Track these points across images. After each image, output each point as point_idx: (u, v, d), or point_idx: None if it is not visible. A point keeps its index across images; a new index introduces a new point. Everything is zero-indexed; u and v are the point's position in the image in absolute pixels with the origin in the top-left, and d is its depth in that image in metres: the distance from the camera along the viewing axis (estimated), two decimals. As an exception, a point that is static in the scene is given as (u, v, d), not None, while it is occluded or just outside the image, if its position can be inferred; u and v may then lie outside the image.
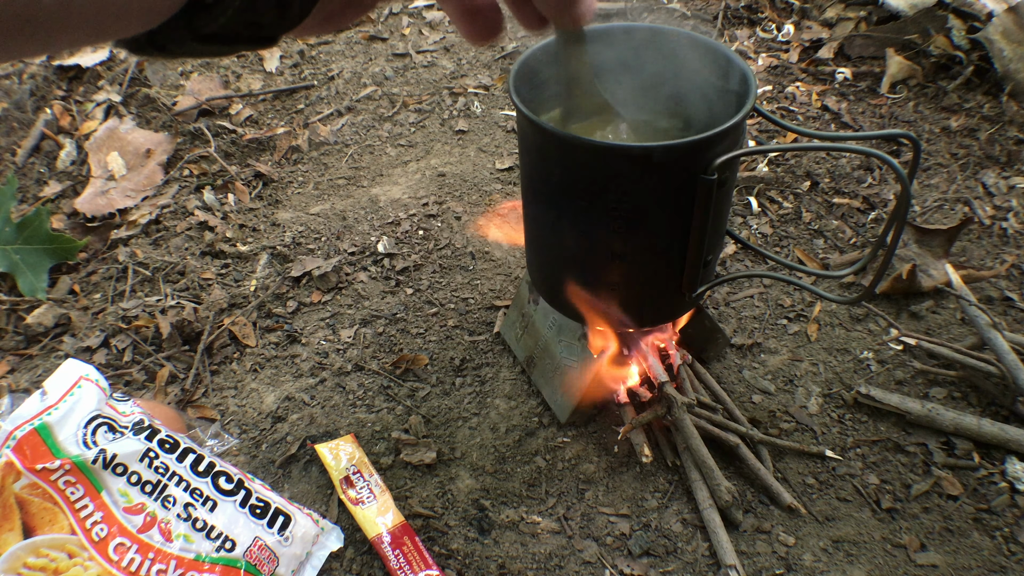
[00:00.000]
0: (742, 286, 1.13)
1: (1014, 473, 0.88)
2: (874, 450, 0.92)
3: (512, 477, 0.90)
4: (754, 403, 0.97)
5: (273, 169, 1.39)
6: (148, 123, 1.47)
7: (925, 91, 1.52)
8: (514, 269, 1.17)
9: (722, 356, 1.03)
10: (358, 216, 1.27)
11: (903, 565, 0.81)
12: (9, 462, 0.70)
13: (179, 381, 1.02)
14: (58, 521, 0.70)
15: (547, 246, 0.79)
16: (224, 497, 0.76)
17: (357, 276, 1.17)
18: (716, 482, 0.83)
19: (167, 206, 1.31)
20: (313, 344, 1.07)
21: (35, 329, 1.10)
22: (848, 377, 1.00)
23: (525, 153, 0.72)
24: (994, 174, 1.33)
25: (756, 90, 0.65)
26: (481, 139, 1.45)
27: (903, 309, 1.09)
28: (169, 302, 1.12)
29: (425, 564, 0.79)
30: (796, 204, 1.27)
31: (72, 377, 0.77)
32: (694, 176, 0.62)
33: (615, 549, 0.83)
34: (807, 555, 0.82)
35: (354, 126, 1.50)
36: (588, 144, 0.62)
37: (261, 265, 1.19)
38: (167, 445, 0.77)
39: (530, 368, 0.98)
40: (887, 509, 0.86)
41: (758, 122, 1.45)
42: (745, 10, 1.77)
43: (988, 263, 1.16)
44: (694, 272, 0.72)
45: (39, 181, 1.38)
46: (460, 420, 0.96)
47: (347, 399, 0.99)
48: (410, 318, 1.10)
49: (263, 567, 0.73)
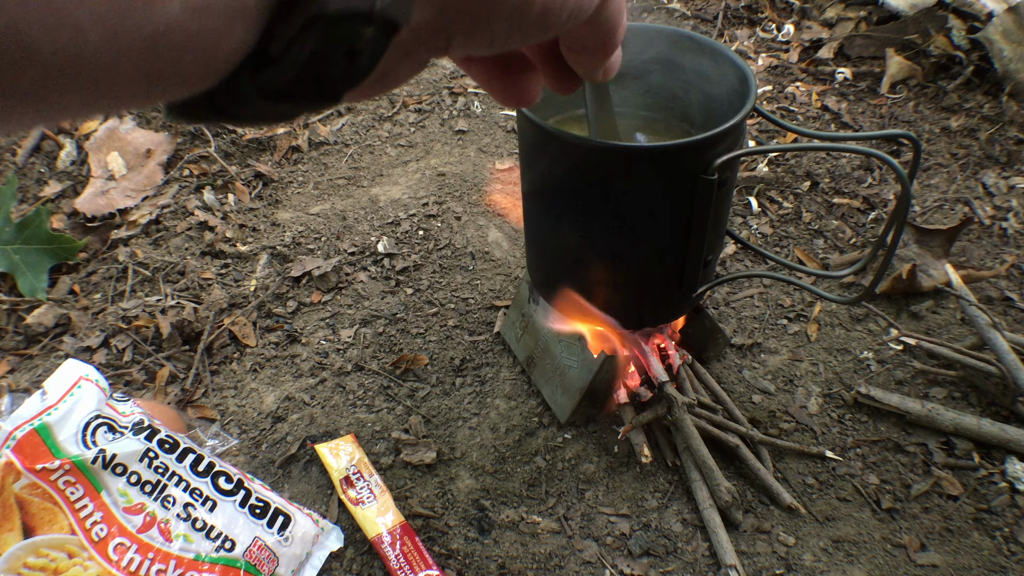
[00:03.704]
0: (742, 286, 1.13)
1: (1014, 473, 0.88)
2: (874, 450, 0.92)
3: (512, 477, 0.90)
4: (754, 403, 0.97)
5: (273, 169, 1.39)
6: (148, 123, 1.47)
7: (925, 91, 1.52)
8: (514, 269, 1.17)
9: (722, 356, 1.03)
10: (358, 216, 1.27)
11: (903, 565, 0.81)
12: (9, 462, 0.70)
13: (179, 381, 1.02)
14: (58, 521, 0.70)
15: (547, 246, 0.78)
16: (224, 497, 0.76)
17: (357, 276, 1.16)
18: (716, 482, 0.83)
19: (167, 206, 1.31)
20: (313, 344, 1.07)
21: (35, 329, 1.10)
22: (848, 377, 1.00)
23: (525, 153, 0.72)
24: (994, 174, 1.33)
25: (756, 90, 0.65)
26: (481, 139, 1.45)
27: (903, 309, 1.09)
28: (169, 302, 1.12)
29: (425, 564, 0.79)
30: (796, 204, 1.27)
31: (72, 377, 0.77)
32: (694, 176, 0.62)
33: (615, 549, 0.83)
34: (807, 555, 0.82)
35: (354, 126, 1.50)
36: (588, 144, 0.61)
37: (261, 265, 1.19)
38: (167, 445, 0.77)
39: (530, 368, 0.98)
40: (887, 509, 0.86)
41: (758, 122, 1.45)
42: (745, 10, 1.77)
43: (988, 263, 1.16)
44: (694, 272, 0.72)
45: (39, 181, 1.38)
46: (460, 420, 0.96)
47: (347, 399, 0.99)
48: (410, 318, 1.10)
49: (263, 567, 0.73)
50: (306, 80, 0.21)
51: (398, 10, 0.22)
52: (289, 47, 0.20)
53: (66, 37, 0.16)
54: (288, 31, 0.20)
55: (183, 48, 0.18)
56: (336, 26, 0.21)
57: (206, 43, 0.19)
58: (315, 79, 0.22)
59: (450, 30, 0.27)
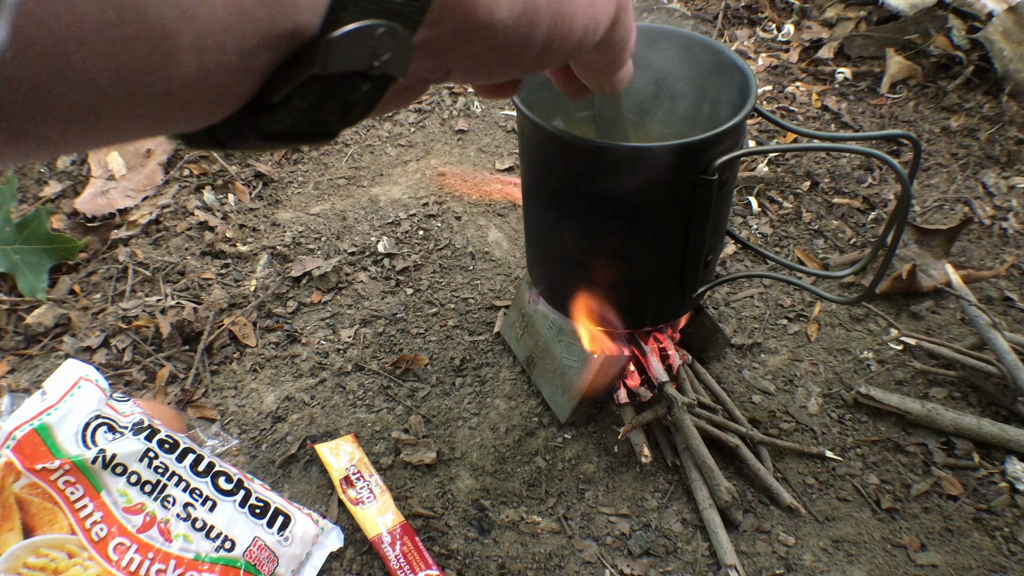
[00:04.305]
0: (742, 286, 1.13)
1: (1014, 473, 0.88)
2: (874, 450, 0.92)
3: (512, 477, 0.90)
4: (754, 403, 0.97)
5: (273, 169, 1.39)
6: (148, 123, 1.47)
7: (925, 91, 1.52)
8: (514, 269, 1.17)
9: (722, 356, 1.03)
10: (358, 216, 1.27)
11: (903, 565, 0.81)
12: (9, 462, 0.70)
13: (179, 381, 1.02)
14: (58, 521, 0.70)
15: (547, 246, 0.78)
16: (224, 497, 0.76)
17: (357, 276, 1.16)
18: (716, 482, 0.83)
19: (167, 206, 1.31)
20: (313, 344, 1.07)
21: (35, 329, 1.10)
22: (848, 377, 1.00)
23: (525, 153, 0.72)
24: (994, 174, 1.33)
25: (756, 90, 0.65)
26: (481, 139, 1.45)
27: (903, 309, 1.09)
28: (169, 302, 1.12)
29: (425, 564, 0.79)
30: (796, 204, 1.27)
31: (72, 377, 0.77)
32: (694, 176, 0.62)
33: (615, 549, 0.83)
34: (807, 555, 0.82)
35: (354, 126, 1.50)
36: (588, 144, 0.62)
37: (261, 265, 1.19)
38: (167, 445, 0.77)
39: (530, 368, 0.98)
40: (887, 509, 0.86)
41: (758, 122, 1.45)
42: (745, 10, 1.77)
43: (988, 263, 1.16)
44: (694, 272, 0.72)
45: (39, 181, 1.38)
46: (460, 420, 0.96)
47: (347, 399, 0.99)
48: (410, 318, 1.10)
49: (263, 567, 0.73)
50: (300, 126, 0.22)
51: (395, 68, 0.22)
52: (288, 100, 0.21)
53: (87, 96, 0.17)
54: (287, 87, 0.21)
55: (193, 101, 0.19)
56: (334, 84, 0.22)
57: (214, 97, 0.20)
58: (310, 124, 0.23)
59: (449, 71, 0.28)
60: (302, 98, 0.21)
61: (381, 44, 0.21)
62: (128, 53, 0.17)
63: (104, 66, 0.16)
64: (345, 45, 0.21)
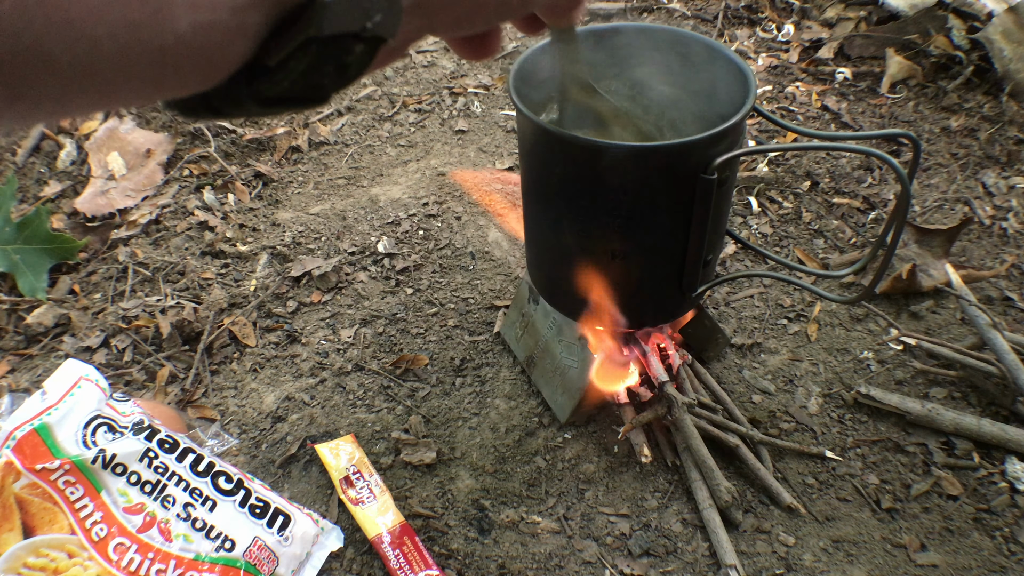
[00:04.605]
0: (742, 286, 1.13)
1: (1014, 473, 0.88)
2: (874, 450, 0.92)
3: (512, 477, 0.90)
4: (754, 403, 0.97)
5: (273, 169, 1.39)
6: (148, 123, 1.47)
7: (925, 91, 1.52)
8: (514, 269, 1.17)
9: (722, 356, 1.03)
10: (358, 216, 1.27)
11: (903, 565, 0.81)
12: (9, 462, 0.70)
13: (179, 381, 1.02)
14: (58, 521, 0.70)
15: (547, 246, 0.78)
16: (224, 497, 0.76)
17: (357, 276, 1.17)
18: (716, 482, 0.83)
19: (167, 206, 1.31)
20: (313, 344, 1.07)
21: (35, 329, 1.10)
22: (848, 377, 1.00)
23: (525, 153, 0.72)
24: (994, 174, 1.33)
25: (756, 90, 0.65)
26: (481, 139, 1.45)
27: (903, 309, 1.09)
28: (169, 302, 1.12)
29: (425, 564, 0.79)
30: (796, 204, 1.27)
31: (72, 377, 0.77)
32: (694, 176, 0.62)
33: (615, 549, 0.83)
34: (807, 555, 0.82)
35: (354, 126, 1.50)
36: (588, 144, 0.62)
37: (261, 265, 1.19)
38: (167, 445, 0.77)
39: (530, 368, 0.98)
40: (887, 509, 0.86)
41: (758, 122, 1.45)
42: (745, 10, 1.77)
43: (988, 263, 1.16)
44: (694, 272, 0.72)
45: (39, 181, 1.38)
46: (460, 420, 0.96)
47: (347, 399, 0.99)
48: (410, 318, 1.10)
49: (263, 567, 0.73)
50: (297, 89, 0.23)
51: (386, 28, 0.23)
52: (285, 63, 0.22)
53: (83, 50, 0.17)
54: (284, 49, 0.22)
55: (187, 60, 0.20)
56: (329, 46, 0.22)
57: (209, 56, 0.20)
58: (305, 87, 0.23)
59: (433, 30, 0.29)
60: (299, 60, 0.22)
61: (373, 6, 0.22)
62: (122, 5, 0.17)
63: (99, 17, 0.17)
64: (339, 7, 0.21)
